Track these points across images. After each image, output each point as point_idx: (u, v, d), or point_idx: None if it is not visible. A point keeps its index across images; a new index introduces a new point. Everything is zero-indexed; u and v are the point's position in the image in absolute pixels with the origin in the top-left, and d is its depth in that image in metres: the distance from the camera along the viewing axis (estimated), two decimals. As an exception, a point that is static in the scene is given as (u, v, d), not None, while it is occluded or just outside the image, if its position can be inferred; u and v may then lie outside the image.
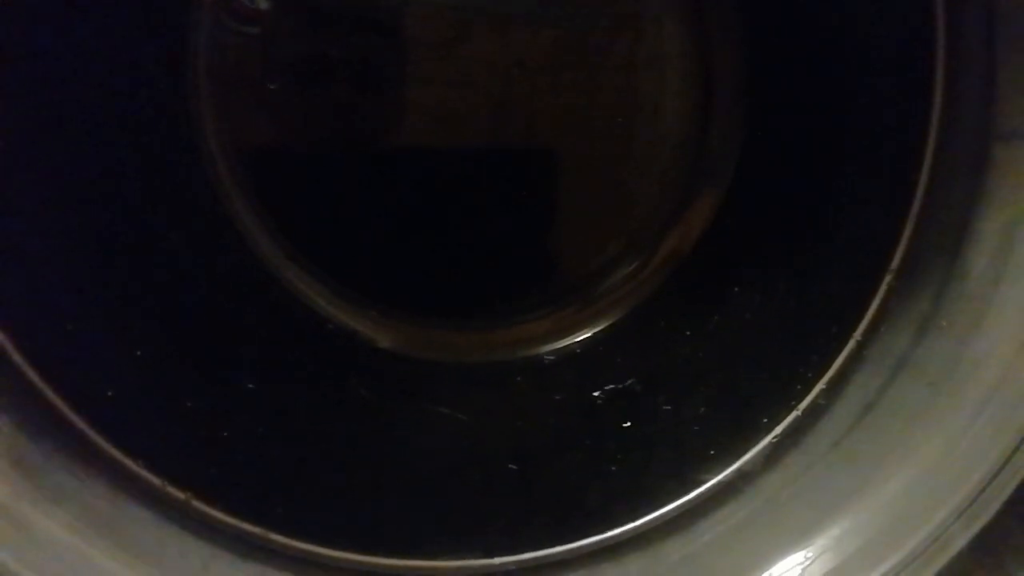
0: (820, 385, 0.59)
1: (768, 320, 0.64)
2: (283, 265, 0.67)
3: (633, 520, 0.58)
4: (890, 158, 0.60)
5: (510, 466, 0.61)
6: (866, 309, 0.59)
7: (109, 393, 0.53)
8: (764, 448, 0.59)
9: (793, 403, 0.59)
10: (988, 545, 0.50)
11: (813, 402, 0.59)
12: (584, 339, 0.70)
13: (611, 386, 0.65)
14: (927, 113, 0.58)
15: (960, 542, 0.50)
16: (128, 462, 0.52)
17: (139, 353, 0.55)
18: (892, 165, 0.60)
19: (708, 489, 0.59)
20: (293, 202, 0.68)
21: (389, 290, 0.69)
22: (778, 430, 0.59)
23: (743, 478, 0.59)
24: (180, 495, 0.52)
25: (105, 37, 0.59)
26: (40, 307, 0.53)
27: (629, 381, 0.65)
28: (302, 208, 0.68)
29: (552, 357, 0.69)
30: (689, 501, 0.58)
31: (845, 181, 0.63)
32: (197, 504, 0.52)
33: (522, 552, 0.57)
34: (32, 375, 0.50)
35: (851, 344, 0.59)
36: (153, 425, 0.54)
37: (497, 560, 0.57)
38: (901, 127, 0.59)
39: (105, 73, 0.59)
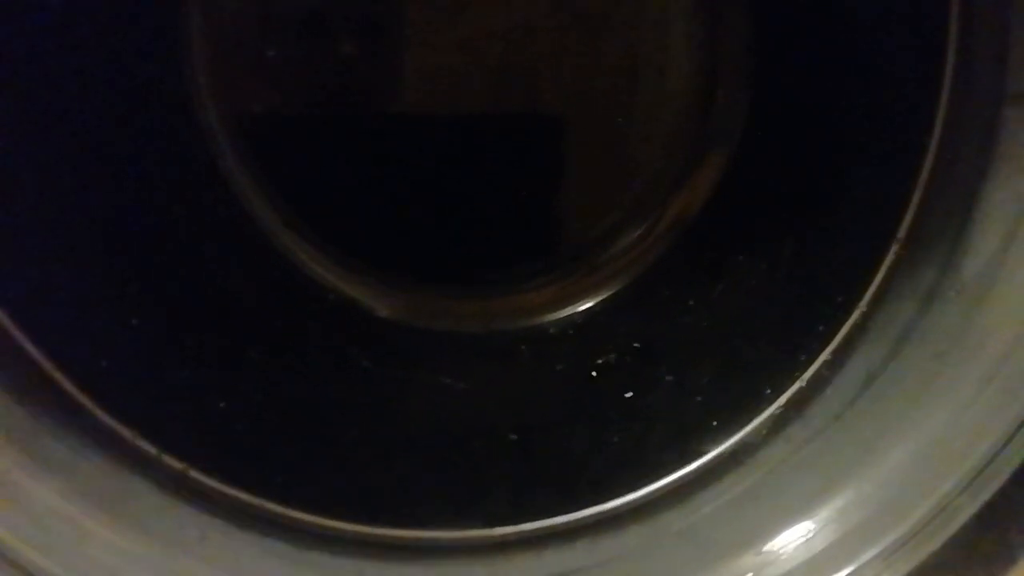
0: (824, 356, 0.59)
1: (773, 289, 0.64)
2: (282, 233, 0.66)
3: (634, 491, 0.58)
4: (900, 122, 0.59)
5: (511, 436, 0.61)
6: (872, 279, 0.58)
7: (104, 363, 0.53)
8: (767, 419, 0.59)
9: (797, 374, 0.59)
10: (993, 518, 0.49)
11: (817, 373, 0.59)
12: (586, 308, 0.70)
13: (613, 356, 0.65)
14: (939, 76, 0.57)
15: (965, 514, 0.49)
16: (124, 432, 0.52)
17: (135, 322, 0.55)
18: (902, 130, 0.59)
19: (710, 460, 0.58)
20: (292, 168, 0.68)
21: (389, 258, 0.69)
22: (781, 401, 0.59)
23: (745, 449, 0.58)
24: (177, 465, 0.52)
25: (97, 2, 0.58)
26: (34, 276, 0.53)
27: (631, 351, 0.65)
28: (301, 174, 0.68)
29: (554, 326, 0.69)
30: (691, 472, 0.58)
31: (853, 147, 0.62)
32: (194, 474, 0.53)
33: (522, 522, 0.57)
34: (26, 344, 0.50)
35: (856, 314, 0.58)
36: (149, 395, 0.54)
37: (497, 530, 0.57)
38: (912, 90, 0.58)
39: (98, 40, 0.58)
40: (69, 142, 0.57)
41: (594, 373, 0.65)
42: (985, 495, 0.49)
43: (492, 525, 0.57)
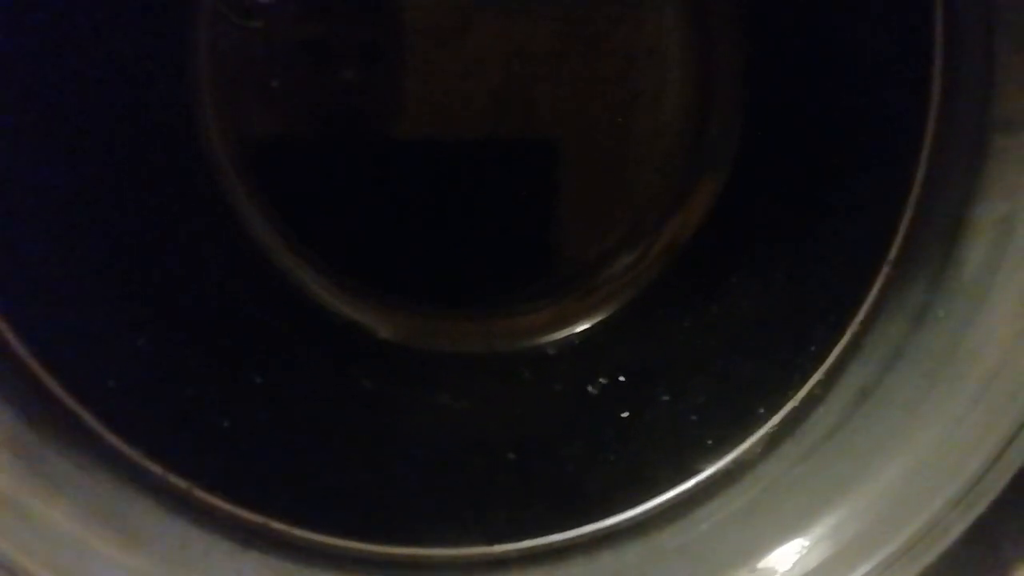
0: (818, 375, 0.59)
1: (766, 310, 0.64)
2: (285, 255, 0.67)
3: (631, 509, 0.58)
4: (889, 148, 0.60)
5: (510, 455, 0.62)
6: (864, 299, 0.59)
7: (110, 383, 0.53)
8: (762, 437, 0.59)
9: (791, 392, 0.59)
10: (985, 533, 0.49)
11: (810, 392, 0.59)
12: (583, 329, 0.70)
13: (610, 376, 0.65)
14: (926, 102, 0.57)
15: (957, 530, 0.49)
16: (129, 451, 0.52)
17: (140, 343, 0.55)
18: (890, 155, 0.60)
19: (706, 478, 0.58)
20: (295, 192, 0.69)
21: (390, 280, 0.70)
22: (776, 419, 0.59)
23: (740, 467, 0.58)
24: (181, 484, 0.52)
25: (106, 29, 0.59)
26: (41, 296, 0.53)
27: (628, 371, 0.65)
28: (303, 198, 0.69)
29: (552, 347, 0.70)
30: (687, 490, 0.58)
31: (843, 171, 0.63)
32: (198, 493, 0.53)
33: (521, 540, 0.57)
34: (33, 364, 0.50)
35: (849, 334, 0.59)
36: (154, 414, 0.55)
37: (497, 548, 0.57)
38: (900, 117, 0.59)
39: (106, 64, 0.59)
40: (75, 170, 0.57)
41: (592, 393, 0.65)
42: (977, 510, 0.49)
43: (491, 542, 0.57)
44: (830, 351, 0.59)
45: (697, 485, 0.58)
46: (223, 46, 0.65)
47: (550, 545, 0.57)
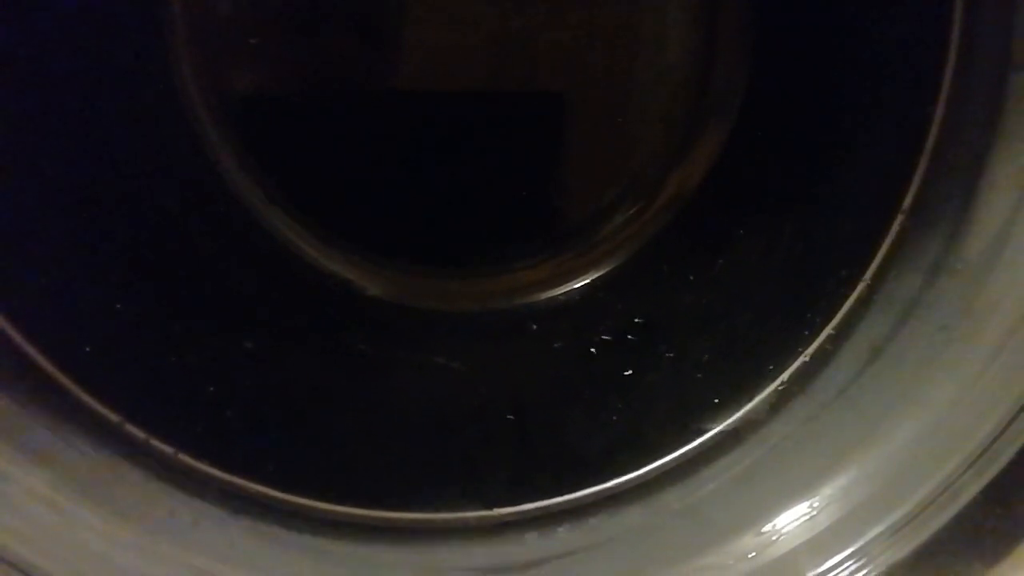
0: (828, 330, 0.58)
1: (774, 264, 0.63)
2: (271, 213, 0.66)
3: (634, 470, 0.57)
4: (904, 93, 0.58)
5: (508, 417, 0.61)
6: (876, 251, 0.57)
7: (88, 348, 0.52)
8: (769, 396, 0.58)
9: (800, 349, 0.58)
10: (999, 495, 0.48)
11: (820, 348, 0.58)
12: (584, 285, 0.69)
13: (612, 333, 0.64)
14: (944, 46, 0.55)
15: (971, 492, 0.48)
16: (112, 417, 0.51)
17: (119, 307, 0.54)
18: (907, 100, 0.58)
19: (711, 438, 0.58)
20: (281, 149, 0.67)
21: (383, 238, 0.68)
22: (784, 377, 0.58)
23: (747, 426, 0.58)
24: (166, 449, 0.52)
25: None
26: (17, 259, 0.52)
27: (630, 328, 0.64)
28: (290, 155, 0.67)
29: (551, 304, 0.68)
30: (691, 450, 0.58)
31: (855, 118, 0.61)
32: (184, 458, 0.52)
33: (521, 503, 0.56)
34: (9, 329, 0.49)
35: (860, 288, 0.58)
36: (136, 379, 0.54)
37: (496, 512, 0.56)
38: (916, 59, 0.57)
39: (81, 27, 0.57)
40: (54, 128, 0.56)
41: (593, 351, 0.64)
42: (991, 472, 0.48)
43: (491, 507, 0.56)
44: (841, 305, 0.58)
45: (702, 445, 0.58)
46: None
47: (550, 508, 0.56)
